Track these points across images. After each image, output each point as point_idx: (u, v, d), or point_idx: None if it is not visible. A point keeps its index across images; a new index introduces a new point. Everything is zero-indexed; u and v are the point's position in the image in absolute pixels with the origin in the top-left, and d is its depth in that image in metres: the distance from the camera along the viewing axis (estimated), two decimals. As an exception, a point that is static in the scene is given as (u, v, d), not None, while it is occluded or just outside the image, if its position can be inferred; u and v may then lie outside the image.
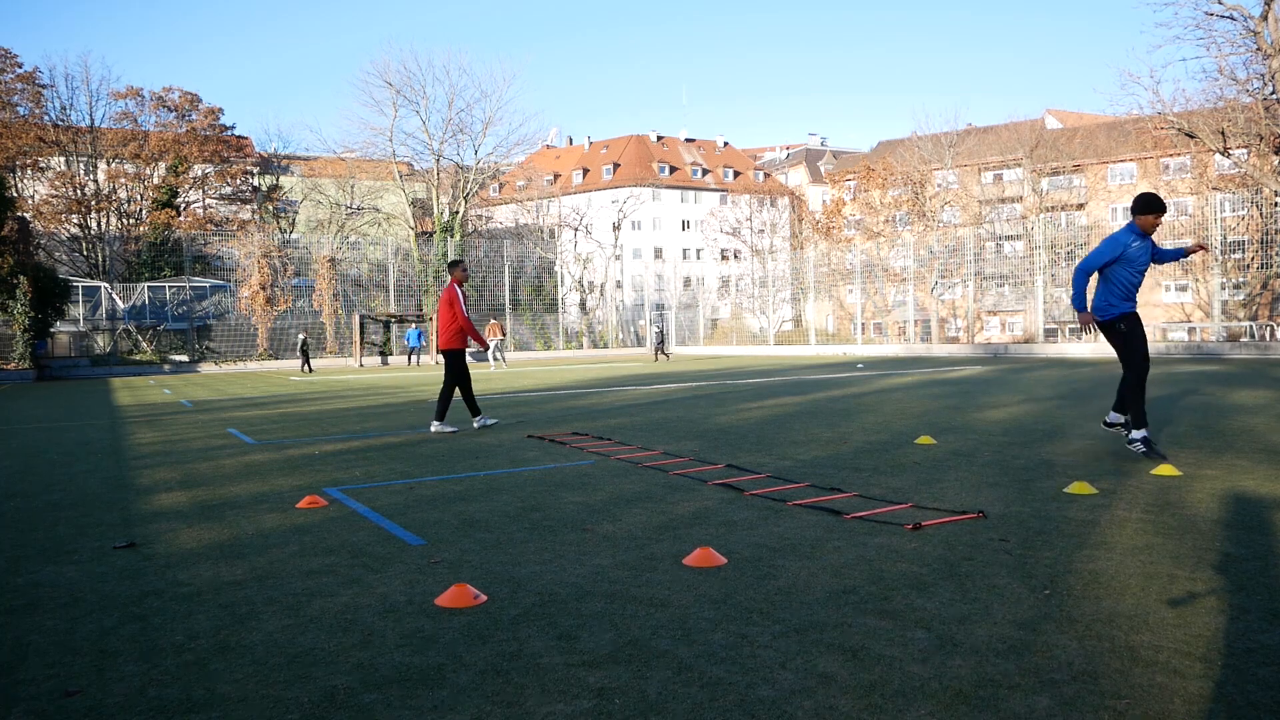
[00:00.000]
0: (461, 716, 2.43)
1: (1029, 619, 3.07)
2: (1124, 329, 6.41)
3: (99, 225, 47.93)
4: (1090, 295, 6.58)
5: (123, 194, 49.29)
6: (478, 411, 9.90)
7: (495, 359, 31.41)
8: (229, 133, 54.70)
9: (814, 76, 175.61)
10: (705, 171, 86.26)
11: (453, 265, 10.04)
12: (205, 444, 9.33)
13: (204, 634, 3.16)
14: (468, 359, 9.83)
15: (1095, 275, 6.53)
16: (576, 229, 60.55)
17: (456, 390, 9.74)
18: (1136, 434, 6.37)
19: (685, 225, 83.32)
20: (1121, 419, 6.60)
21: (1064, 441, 7.59)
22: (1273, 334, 35.88)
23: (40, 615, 3.44)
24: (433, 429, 9.55)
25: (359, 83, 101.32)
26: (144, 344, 40.33)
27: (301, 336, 34.91)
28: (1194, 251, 6.54)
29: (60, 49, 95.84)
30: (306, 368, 33.88)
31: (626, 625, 3.13)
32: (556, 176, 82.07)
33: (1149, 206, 6.24)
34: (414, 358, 37.77)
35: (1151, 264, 6.55)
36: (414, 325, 39.80)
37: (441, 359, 10.03)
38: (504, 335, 35.54)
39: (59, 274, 38.48)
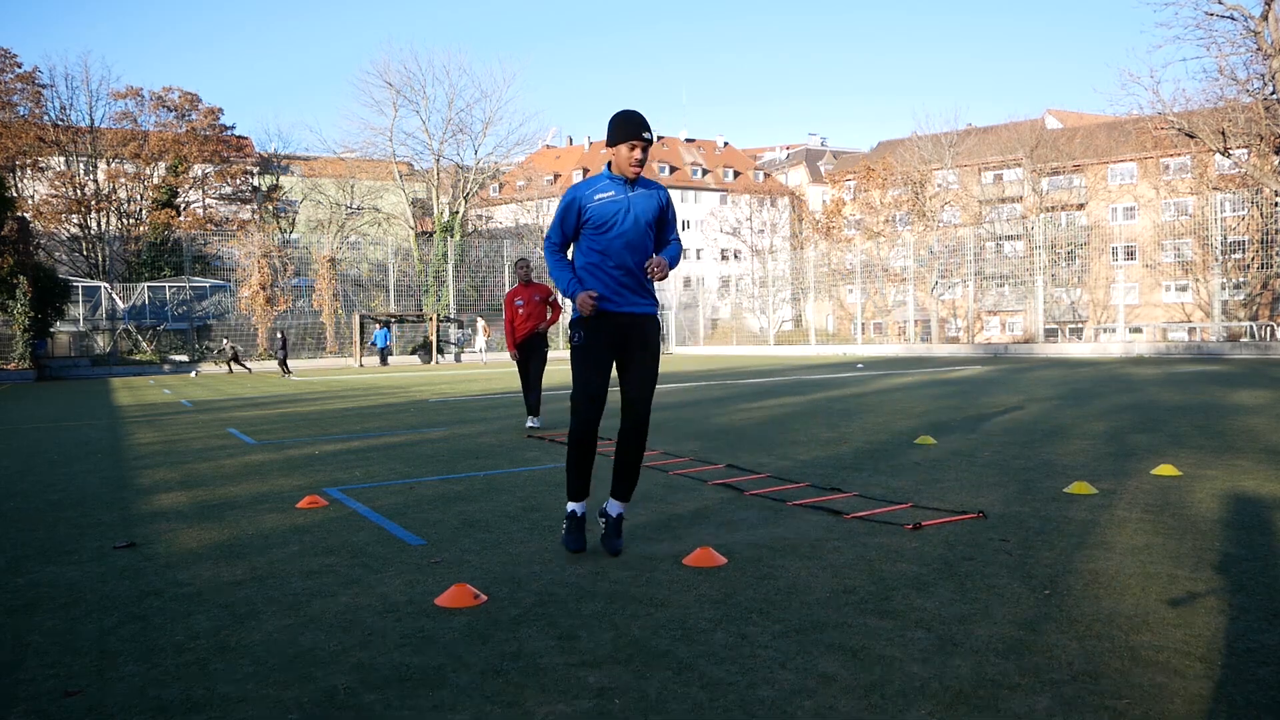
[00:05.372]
0: (461, 716, 2.43)
1: (1029, 619, 3.07)
2: (576, 341, 4.04)
3: (99, 225, 47.93)
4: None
5: (123, 194, 49.28)
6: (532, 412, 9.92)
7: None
8: (229, 133, 54.69)
9: (814, 76, 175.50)
10: (705, 171, 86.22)
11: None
12: (205, 444, 9.33)
13: (204, 634, 3.16)
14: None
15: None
16: (577, 229, 60.41)
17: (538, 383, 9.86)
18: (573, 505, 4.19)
19: (685, 225, 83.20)
20: (616, 510, 4.22)
21: (1064, 441, 7.59)
22: (1273, 334, 35.89)
23: (40, 615, 3.44)
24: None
25: (359, 83, 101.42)
26: (144, 344, 40.31)
27: (279, 336, 32.64)
28: (653, 266, 3.85)
29: (60, 49, 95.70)
30: (284, 369, 31.33)
31: (626, 625, 3.13)
32: (556, 176, 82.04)
33: (621, 129, 3.88)
34: (368, 358, 37.75)
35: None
36: (380, 326, 39.47)
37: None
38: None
39: (59, 274, 38.48)
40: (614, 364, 4.07)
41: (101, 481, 6.81)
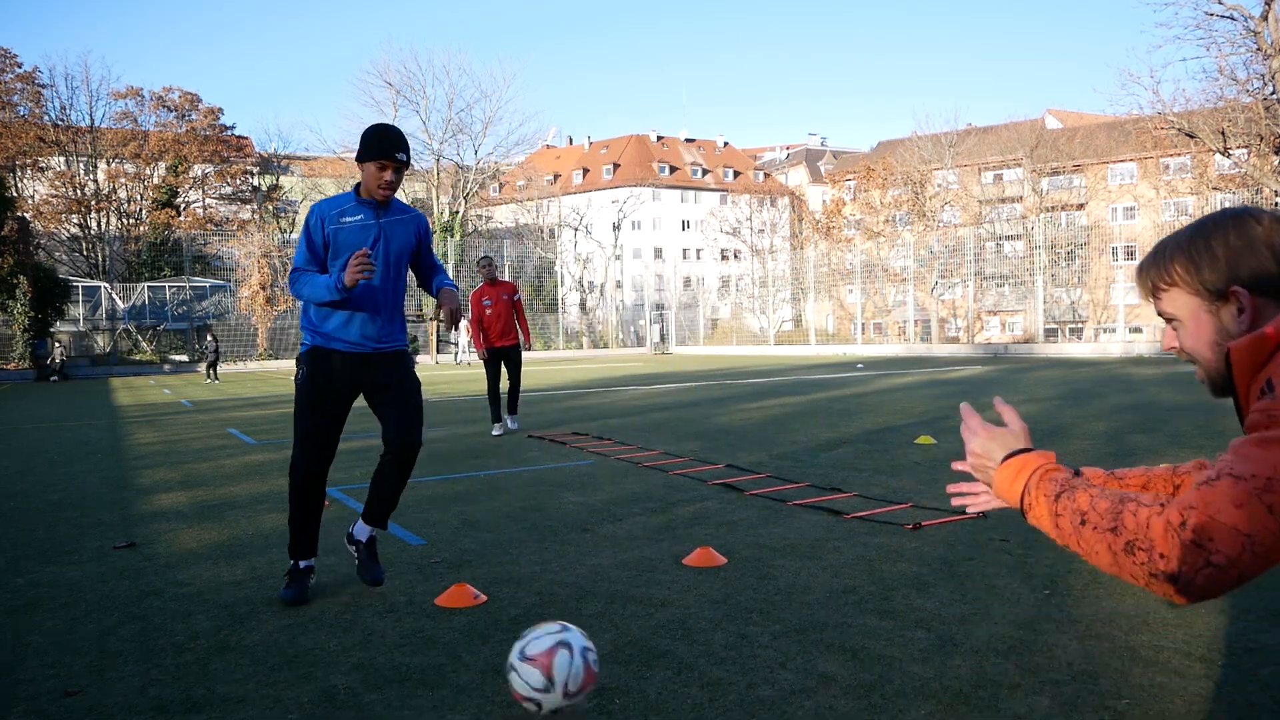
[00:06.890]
0: (461, 716, 2.43)
1: (1029, 619, 3.07)
2: (298, 378, 3.58)
3: (99, 225, 47.91)
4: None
5: (123, 194, 49.26)
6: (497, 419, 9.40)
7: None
8: (229, 133, 54.66)
9: (814, 76, 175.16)
10: (705, 171, 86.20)
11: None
12: (205, 444, 9.32)
13: (204, 634, 3.16)
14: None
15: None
16: (576, 229, 60.55)
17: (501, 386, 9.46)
18: (302, 563, 3.61)
19: (685, 225, 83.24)
20: (366, 534, 3.66)
21: (1064, 441, 7.58)
22: (1273, 334, 35.84)
23: (40, 615, 3.44)
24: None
25: (359, 83, 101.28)
26: (144, 344, 40.29)
27: (210, 337, 27.31)
28: (446, 317, 3.46)
29: (60, 49, 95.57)
30: (212, 374, 26.16)
31: (626, 625, 3.13)
32: (556, 176, 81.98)
33: (369, 146, 3.39)
34: None
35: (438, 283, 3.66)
36: None
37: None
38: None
39: (59, 274, 38.46)
40: (349, 408, 3.66)
41: (101, 481, 6.80)
